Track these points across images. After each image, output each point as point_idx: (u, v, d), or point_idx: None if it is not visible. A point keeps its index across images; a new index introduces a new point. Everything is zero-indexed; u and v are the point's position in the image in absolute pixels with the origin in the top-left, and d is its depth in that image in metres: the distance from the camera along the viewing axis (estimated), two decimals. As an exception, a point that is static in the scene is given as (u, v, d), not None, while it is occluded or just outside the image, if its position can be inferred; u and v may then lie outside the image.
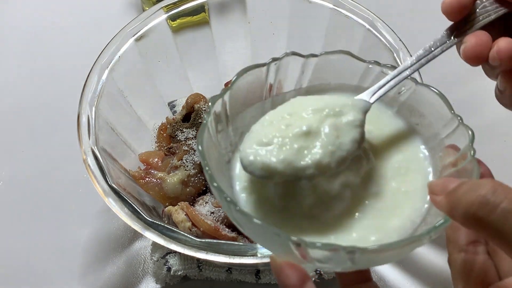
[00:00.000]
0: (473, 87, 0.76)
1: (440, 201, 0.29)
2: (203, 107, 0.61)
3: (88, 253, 0.61)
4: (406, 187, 0.35)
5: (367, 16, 0.58)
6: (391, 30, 0.57)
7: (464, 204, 0.26)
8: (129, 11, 0.86)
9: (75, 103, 0.53)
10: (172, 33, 0.63)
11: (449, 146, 0.35)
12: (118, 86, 0.58)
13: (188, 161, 0.57)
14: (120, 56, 0.57)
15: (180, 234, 0.44)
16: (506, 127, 0.72)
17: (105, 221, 0.64)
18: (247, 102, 0.38)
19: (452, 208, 0.27)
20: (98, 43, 0.59)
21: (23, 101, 0.76)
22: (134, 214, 0.46)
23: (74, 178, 0.64)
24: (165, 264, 0.57)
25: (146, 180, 0.56)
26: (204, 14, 0.65)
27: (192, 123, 0.61)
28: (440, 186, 0.29)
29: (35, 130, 0.73)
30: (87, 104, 0.53)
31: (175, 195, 0.56)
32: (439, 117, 0.36)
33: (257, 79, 0.38)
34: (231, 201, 0.30)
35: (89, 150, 0.50)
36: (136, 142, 0.61)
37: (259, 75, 0.38)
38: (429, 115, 0.37)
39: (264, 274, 0.57)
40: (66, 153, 0.64)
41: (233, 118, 0.37)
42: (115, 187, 0.48)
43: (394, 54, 0.56)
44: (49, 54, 0.81)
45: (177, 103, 0.68)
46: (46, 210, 0.65)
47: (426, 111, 0.37)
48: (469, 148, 0.33)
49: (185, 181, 0.56)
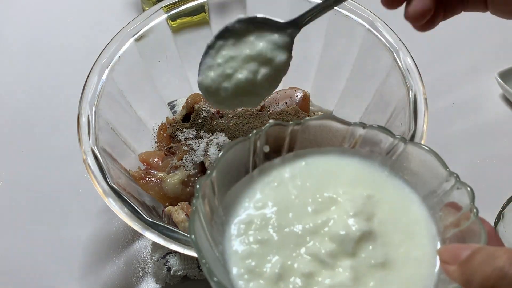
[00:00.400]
0: (473, 87, 0.76)
1: (454, 272, 0.28)
2: (203, 107, 0.61)
3: (88, 253, 0.61)
4: (415, 252, 0.34)
5: (367, 16, 0.58)
6: (391, 30, 0.57)
7: (481, 277, 0.26)
8: (129, 11, 0.86)
9: (75, 103, 0.53)
10: (172, 33, 0.63)
11: (448, 205, 0.34)
12: (118, 86, 0.58)
13: (188, 161, 0.57)
14: (120, 56, 0.57)
15: (180, 234, 0.44)
16: (506, 127, 0.72)
17: (105, 221, 0.64)
18: (234, 178, 0.37)
19: (467, 280, 0.27)
20: (98, 43, 0.59)
21: (23, 101, 0.76)
22: (134, 214, 0.46)
23: (74, 178, 0.64)
24: (165, 264, 0.57)
25: (146, 180, 0.56)
26: (204, 14, 0.65)
27: (192, 123, 0.61)
28: (451, 255, 0.28)
29: (35, 130, 0.73)
30: (87, 104, 0.53)
31: (175, 195, 0.56)
32: (433, 176, 0.35)
33: (242, 154, 0.37)
34: None
35: (89, 150, 0.50)
36: (136, 142, 0.61)
37: (244, 149, 0.37)
38: (423, 173, 0.36)
39: (264, 274, 0.57)
40: (66, 153, 0.64)
41: (222, 197, 0.36)
42: (115, 187, 0.48)
43: (394, 54, 0.56)
44: (49, 54, 0.81)
45: (177, 103, 0.68)
46: (46, 210, 0.65)
47: (419, 169, 0.36)
48: (471, 207, 0.31)
49: (185, 181, 0.56)
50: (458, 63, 0.78)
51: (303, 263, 0.33)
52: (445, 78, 0.76)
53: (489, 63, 0.77)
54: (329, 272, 0.33)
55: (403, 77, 0.54)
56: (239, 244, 0.34)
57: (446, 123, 0.71)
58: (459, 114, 0.73)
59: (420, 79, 0.54)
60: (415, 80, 0.54)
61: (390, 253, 0.33)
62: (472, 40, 0.80)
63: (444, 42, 0.78)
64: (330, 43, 0.63)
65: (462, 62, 0.78)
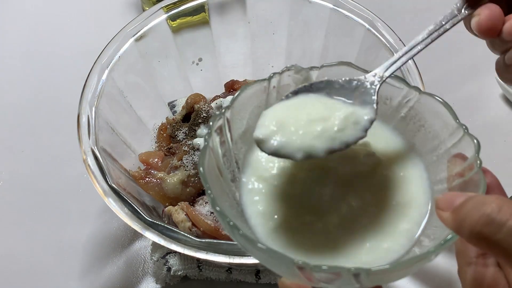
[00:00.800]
0: (473, 87, 0.76)
1: (447, 218, 0.28)
2: (203, 107, 0.61)
3: (88, 253, 0.61)
4: (406, 198, 0.35)
5: (367, 16, 0.58)
6: (391, 30, 0.57)
7: (469, 223, 0.26)
8: (129, 11, 0.86)
9: (75, 103, 0.53)
10: (172, 33, 0.63)
11: (456, 155, 0.34)
12: (118, 86, 0.58)
13: (188, 161, 0.57)
14: (120, 56, 0.57)
15: (180, 234, 0.44)
16: (506, 127, 0.72)
17: (105, 221, 0.64)
18: (248, 121, 0.38)
19: (458, 225, 0.27)
20: (98, 43, 0.59)
21: (23, 101, 0.76)
22: (134, 214, 0.46)
23: (74, 178, 0.64)
24: (165, 264, 0.57)
25: (146, 180, 0.56)
26: (204, 14, 0.65)
27: (192, 123, 0.61)
28: (447, 202, 0.29)
29: (35, 130, 0.73)
30: (87, 104, 0.53)
31: (175, 195, 0.56)
32: (444, 126, 0.36)
33: (258, 94, 0.38)
34: (234, 225, 0.30)
35: (89, 150, 0.50)
36: (136, 142, 0.61)
37: (260, 90, 0.38)
38: (434, 124, 0.37)
39: (264, 274, 0.57)
40: (66, 153, 0.64)
41: (236, 135, 0.37)
42: (115, 187, 0.48)
43: (394, 54, 0.56)
44: (49, 54, 0.81)
45: (177, 103, 0.68)
46: (46, 210, 0.65)
47: (431, 119, 0.37)
48: (475, 158, 0.32)
49: (185, 181, 0.56)
50: (458, 63, 0.78)
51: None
52: (445, 78, 0.76)
53: (489, 63, 0.77)
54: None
55: (403, 77, 0.54)
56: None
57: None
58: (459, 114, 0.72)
59: (420, 79, 0.54)
60: (415, 80, 0.54)
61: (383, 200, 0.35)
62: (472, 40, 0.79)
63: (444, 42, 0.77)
64: (330, 43, 0.63)
65: (462, 62, 0.78)
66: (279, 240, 0.34)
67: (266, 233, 0.34)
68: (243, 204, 0.36)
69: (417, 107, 0.37)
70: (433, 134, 0.37)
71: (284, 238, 0.34)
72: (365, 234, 0.34)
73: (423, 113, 0.37)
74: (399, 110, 0.38)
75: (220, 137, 0.35)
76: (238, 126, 0.37)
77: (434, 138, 0.36)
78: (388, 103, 0.39)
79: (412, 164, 0.37)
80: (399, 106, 0.38)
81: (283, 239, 0.34)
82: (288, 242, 0.34)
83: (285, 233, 0.34)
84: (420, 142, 0.38)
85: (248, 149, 0.38)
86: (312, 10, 0.61)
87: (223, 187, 0.35)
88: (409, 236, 0.34)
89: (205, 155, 0.33)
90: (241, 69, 0.70)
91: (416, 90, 0.37)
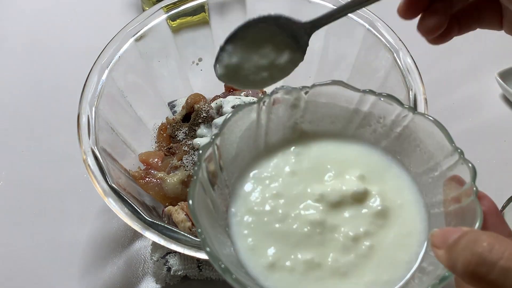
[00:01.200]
0: (473, 87, 0.76)
1: (441, 256, 0.28)
2: (203, 107, 0.61)
3: (88, 253, 0.61)
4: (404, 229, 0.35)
5: (367, 16, 0.58)
6: (391, 30, 0.57)
7: (462, 262, 0.26)
8: (129, 11, 0.86)
9: (75, 103, 0.53)
10: (172, 33, 0.63)
11: (452, 178, 0.34)
12: (118, 86, 0.58)
13: (188, 161, 0.57)
14: (120, 56, 0.57)
15: (180, 234, 0.44)
16: (506, 127, 0.72)
17: (105, 221, 0.64)
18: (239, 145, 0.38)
19: (452, 264, 0.27)
20: (98, 43, 0.59)
21: (23, 101, 0.76)
22: (134, 214, 0.46)
23: (74, 178, 0.64)
24: (165, 264, 0.57)
25: (146, 180, 0.56)
26: (204, 14, 0.65)
27: (192, 123, 0.61)
28: (441, 238, 0.29)
29: (35, 130, 0.73)
30: (87, 104, 0.53)
31: (175, 195, 0.56)
32: (439, 148, 0.35)
33: (249, 117, 0.37)
34: (226, 268, 0.29)
35: (89, 150, 0.50)
36: (136, 142, 0.61)
37: (250, 112, 0.37)
38: (429, 144, 0.36)
39: (264, 274, 0.57)
40: (66, 153, 0.64)
41: (226, 161, 0.37)
42: (115, 187, 0.48)
43: (394, 54, 0.56)
44: (49, 54, 0.81)
45: (177, 103, 0.68)
46: (46, 210, 0.65)
47: (426, 140, 0.36)
48: (471, 185, 0.31)
49: (185, 181, 0.56)
50: (458, 63, 0.78)
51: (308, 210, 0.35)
52: (445, 78, 0.76)
53: (489, 63, 0.77)
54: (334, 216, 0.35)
55: (403, 77, 0.54)
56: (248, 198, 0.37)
57: (446, 123, 0.70)
58: (459, 114, 0.73)
59: (420, 79, 0.54)
60: (415, 80, 0.54)
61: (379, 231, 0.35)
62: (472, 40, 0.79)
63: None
64: (330, 43, 0.63)
65: (462, 62, 0.78)
66: (272, 278, 0.33)
67: (259, 270, 0.33)
68: (233, 235, 0.35)
69: (411, 126, 0.37)
70: (428, 155, 0.36)
71: (277, 276, 0.33)
72: (364, 268, 0.33)
73: (417, 132, 0.37)
74: (393, 128, 0.38)
75: (210, 166, 0.35)
76: (229, 152, 0.37)
77: (430, 159, 0.36)
78: (381, 121, 0.38)
79: (408, 189, 0.37)
80: (392, 124, 0.38)
81: (276, 277, 0.33)
82: (281, 280, 0.33)
83: (279, 271, 0.33)
84: (415, 163, 0.37)
85: (238, 176, 0.37)
86: (312, 10, 0.61)
87: (215, 219, 0.34)
88: (408, 267, 0.33)
89: (195, 188, 0.32)
90: (241, 69, 0.70)
91: (409, 110, 0.36)
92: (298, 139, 0.40)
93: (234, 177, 0.37)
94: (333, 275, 0.33)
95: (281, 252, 0.34)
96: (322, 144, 0.40)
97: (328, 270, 0.33)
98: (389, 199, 0.36)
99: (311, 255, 0.34)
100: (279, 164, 0.38)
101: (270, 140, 0.39)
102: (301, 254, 0.34)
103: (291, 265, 0.33)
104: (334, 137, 0.40)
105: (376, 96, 0.37)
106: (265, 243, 0.34)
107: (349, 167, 0.38)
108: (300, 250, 0.34)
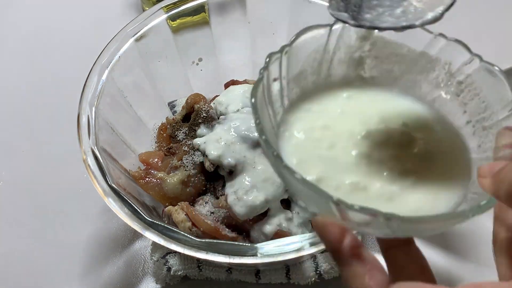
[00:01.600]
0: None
1: (487, 183, 0.29)
2: (203, 107, 0.61)
3: (88, 253, 0.61)
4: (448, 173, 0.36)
5: (367, 16, 0.58)
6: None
7: (507, 184, 0.27)
8: (129, 11, 0.86)
9: (75, 103, 0.53)
10: (172, 33, 0.63)
11: (508, 128, 0.34)
12: (118, 86, 0.58)
13: (188, 161, 0.57)
14: (120, 56, 0.57)
15: (180, 234, 0.44)
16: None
17: (105, 221, 0.64)
18: (304, 64, 0.39)
19: (496, 189, 0.28)
20: (98, 43, 0.59)
21: (23, 101, 0.76)
22: (134, 214, 0.46)
23: (74, 178, 0.64)
24: (165, 264, 0.57)
25: (146, 180, 0.56)
26: (204, 14, 0.65)
27: (192, 123, 0.61)
28: (488, 168, 0.30)
29: (35, 130, 0.73)
30: (87, 104, 0.53)
31: (175, 195, 0.56)
32: (499, 98, 0.36)
33: (318, 39, 0.38)
34: (278, 155, 0.30)
35: (89, 150, 0.50)
36: (136, 142, 0.61)
37: (320, 35, 0.38)
38: (489, 94, 0.37)
39: (264, 274, 0.57)
40: (66, 153, 0.64)
41: (290, 75, 0.38)
42: (115, 187, 0.48)
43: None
44: (49, 54, 0.81)
45: (177, 103, 0.68)
46: (46, 210, 0.65)
47: (486, 89, 0.37)
48: None
49: (185, 181, 0.56)
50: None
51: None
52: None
53: (489, 63, 0.77)
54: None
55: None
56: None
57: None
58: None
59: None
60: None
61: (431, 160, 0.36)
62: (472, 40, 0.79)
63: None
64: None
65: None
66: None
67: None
68: (280, 150, 0.36)
69: (474, 76, 0.38)
70: (486, 104, 0.37)
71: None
72: (408, 198, 0.34)
73: (479, 81, 0.37)
74: (456, 75, 0.39)
75: (275, 73, 0.36)
76: (294, 67, 0.38)
77: (487, 109, 0.37)
78: (446, 68, 0.39)
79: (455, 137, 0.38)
80: (457, 71, 0.39)
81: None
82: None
83: (324, 187, 0.34)
84: (471, 111, 0.38)
85: (300, 94, 0.39)
86: (312, 10, 0.61)
87: (270, 121, 0.35)
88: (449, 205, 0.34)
89: (259, 87, 0.33)
90: (241, 69, 0.70)
91: (478, 57, 0.37)
92: (354, 83, 0.41)
93: (295, 92, 0.39)
94: (378, 198, 0.34)
95: (327, 174, 0.35)
96: (373, 93, 0.41)
97: (374, 194, 0.34)
98: (434, 145, 0.37)
99: (357, 179, 0.34)
100: (330, 103, 0.40)
101: (332, 71, 0.40)
102: (347, 178, 0.35)
103: (336, 184, 0.34)
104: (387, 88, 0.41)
105: (447, 40, 0.38)
106: (312, 164, 0.35)
107: (395, 116, 0.39)
108: (346, 175, 0.35)
